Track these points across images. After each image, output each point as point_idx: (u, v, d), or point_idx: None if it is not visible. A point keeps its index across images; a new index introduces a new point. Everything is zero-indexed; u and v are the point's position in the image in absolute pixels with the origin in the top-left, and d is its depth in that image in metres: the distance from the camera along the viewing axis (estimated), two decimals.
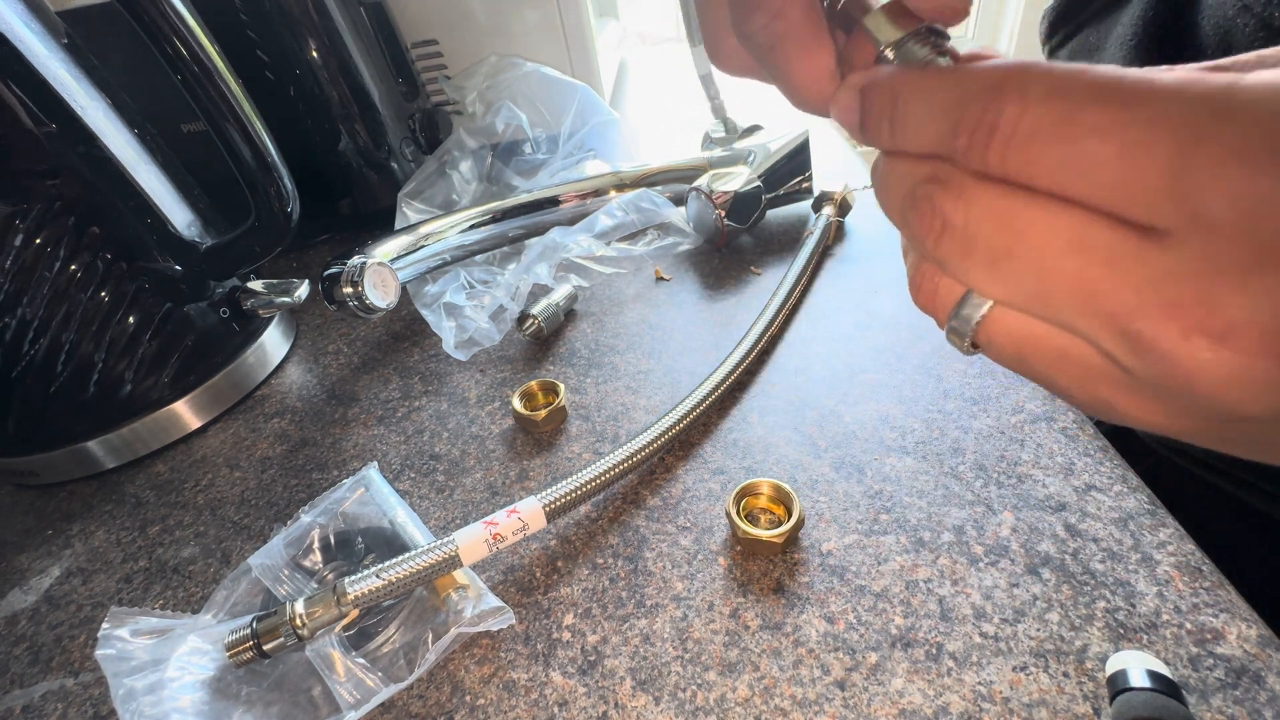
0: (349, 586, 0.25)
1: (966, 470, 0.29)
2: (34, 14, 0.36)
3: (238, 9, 0.50)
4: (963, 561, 0.26)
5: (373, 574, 0.25)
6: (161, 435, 0.41)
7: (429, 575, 0.26)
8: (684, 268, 0.48)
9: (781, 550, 0.27)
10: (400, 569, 0.25)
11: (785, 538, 0.26)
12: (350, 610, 0.25)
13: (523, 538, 0.27)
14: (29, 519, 0.38)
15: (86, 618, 0.31)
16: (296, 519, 0.31)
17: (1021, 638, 0.23)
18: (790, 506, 0.28)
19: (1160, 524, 0.26)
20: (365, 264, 0.40)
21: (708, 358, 0.39)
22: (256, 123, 0.38)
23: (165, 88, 0.36)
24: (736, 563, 0.27)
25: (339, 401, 0.42)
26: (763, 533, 0.26)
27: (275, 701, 0.25)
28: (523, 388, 0.38)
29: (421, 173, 0.56)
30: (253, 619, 0.25)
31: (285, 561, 0.29)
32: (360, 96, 0.56)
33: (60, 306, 0.37)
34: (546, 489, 0.28)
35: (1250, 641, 0.22)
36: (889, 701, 0.22)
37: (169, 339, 0.41)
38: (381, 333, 0.48)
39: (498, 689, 0.25)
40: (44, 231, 0.36)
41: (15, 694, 0.28)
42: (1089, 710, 0.21)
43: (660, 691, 0.24)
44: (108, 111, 0.39)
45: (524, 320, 0.42)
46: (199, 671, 0.26)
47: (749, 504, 0.29)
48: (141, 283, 0.39)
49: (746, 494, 0.29)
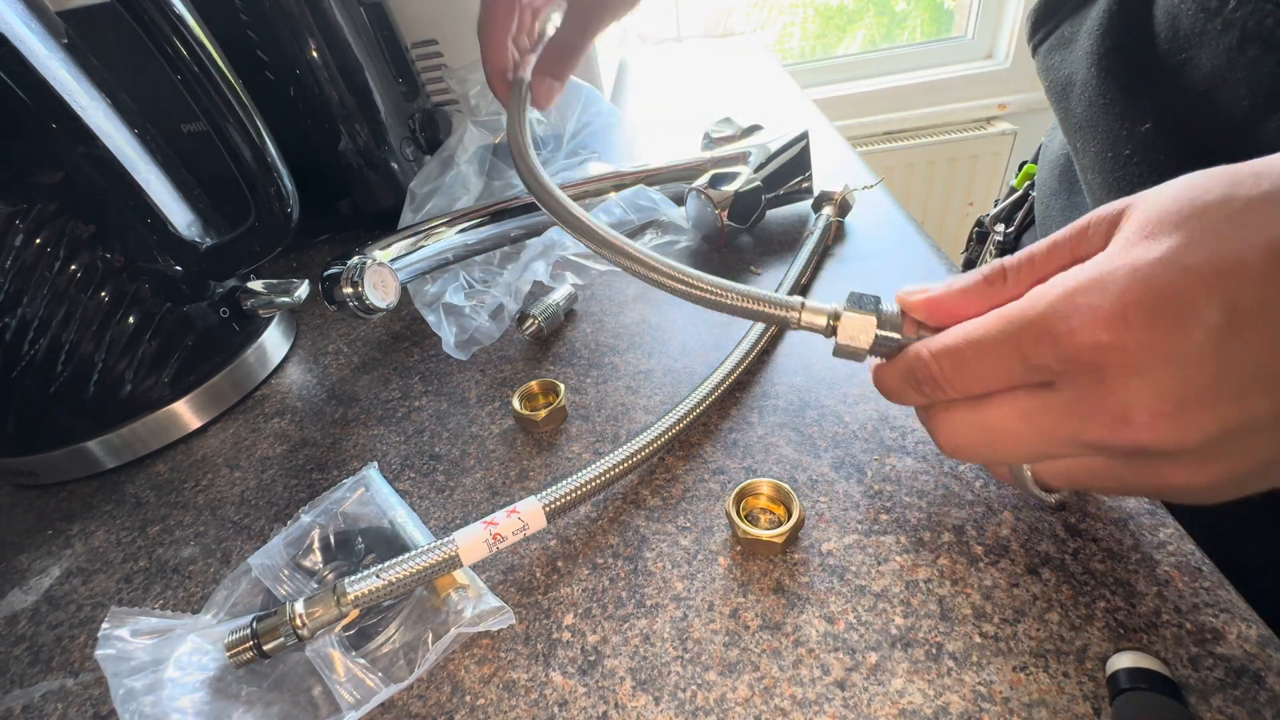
0: (349, 587, 0.25)
1: (966, 470, 0.29)
2: (34, 14, 0.36)
3: (238, 9, 0.50)
4: (963, 561, 0.26)
5: (373, 574, 0.25)
6: (161, 435, 0.41)
7: (429, 575, 0.26)
8: None
9: (781, 550, 0.27)
10: (400, 569, 0.25)
11: (785, 537, 0.26)
12: (350, 610, 0.25)
13: (523, 538, 0.27)
14: (29, 519, 0.38)
15: (86, 618, 0.31)
16: (296, 519, 0.31)
17: (1021, 638, 0.23)
18: (790, 506, 0.28)
19: (1160, 524, 0.26)
20: (365, 264, 0.40)
21: (708, 358, 0.39)
22: (256, 123, 0.38)
23: (165, 88, 0.36)
24: (736, 563, 0.27)
25: (339, 401, 0.42)
26: (763, 533, 0.26)
27: (275, 701, 0.25)
28: (522, 388, 0.38)
29: (427, 169, 0.56)
30: (253, 619, 0.25)
31: (285, 561, 0.29)
32: (360, 96, 0.56)
33: (60, 306, 0.37)
34: (546, 489, 0.28)
35: (1250, 641, 0.22)
36: (889, 701, 0.22)
37: (169, 339, 0.41)
38: (381, 333, 0.49)
39: (498, 689, 0.25)
40: (44, 231, 0.36)
41: (15, 694, 0.28)
42: (1089, 710, 0.21)
43: (660, 691, 0.24)
44: (108, 111, 0.39)
45: (524, 320, 0.42)
46: (199, 671, 0.26)
47: (749, 504, 0.29)
48: (141, 283, 0.39)
49: (746, 494, 0.29)
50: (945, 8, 1.54)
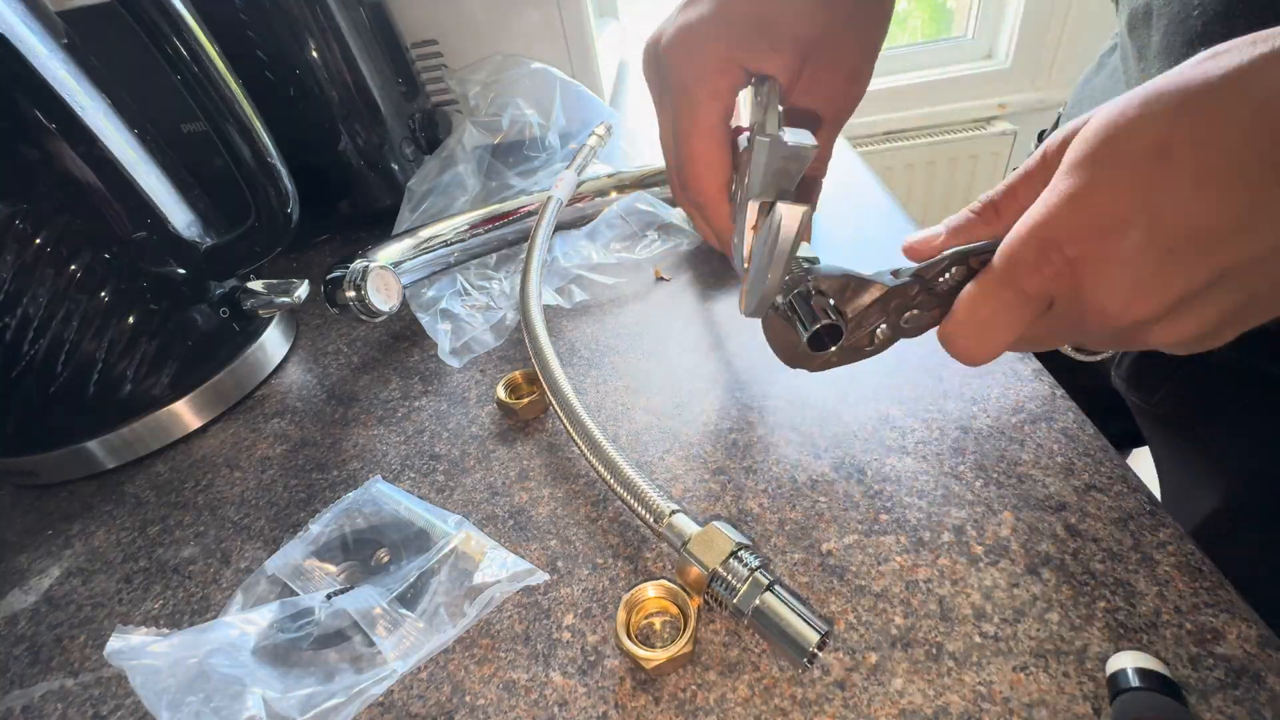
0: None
1: (966, 470, 0.29)
2: (34, 14, 0.36)
3: (238, 9, 0.50)
4: (963, 561, 0.26)
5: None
6: (161, 435, 0.41)
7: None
8: (684, 268, 0.48)
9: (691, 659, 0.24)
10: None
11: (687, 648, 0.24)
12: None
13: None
14: (29, 519, 0.38)
15: (86, 618, 0.31)
16: (306, 529, 0.32)
17: (1021, 638, 0.23)
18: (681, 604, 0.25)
19: (1160, 524, 0.26)
20: (368, 268, 0.40)
21: (708, 358, 0.39)
22: (256, 123, 0.38)
23: (165, 88, 0.36)
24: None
25: (339, 401, 0.42)
26: (657, 653, 0.23)
27: (320, 661, 0.26)
28: (507, 377, 0.38)
29: (426, 168, 0.56)
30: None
31: (303, 559, 0.30)
32: (360, 96, 0.56)
33: (60, 306, 0.37)
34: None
35: (1250, 641, 0.22)
36: (889, 701, 0.22)
37: (169, 339, 0.41)
38: (381, 333, 0.48)
39: (498, 689, 0.25)
40: (44, 231, 0.36)
41: (15, 694, 0.28)
42: (1089, 710, 0.21)
43: (660, 691, 0.24)
44: (108, 111, 0.39)
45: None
46: (242, 643, 0.27)
47: (636, 621, 0.26)
48: (141, 283, 0.39)
49: (633, 610, 0.26)
50: (946, 7, 1.54)
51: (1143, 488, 0.28)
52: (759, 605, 0.22)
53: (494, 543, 0.29)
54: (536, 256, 0.40)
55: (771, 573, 0.23)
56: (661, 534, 0.26)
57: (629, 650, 0.23)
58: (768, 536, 0.28)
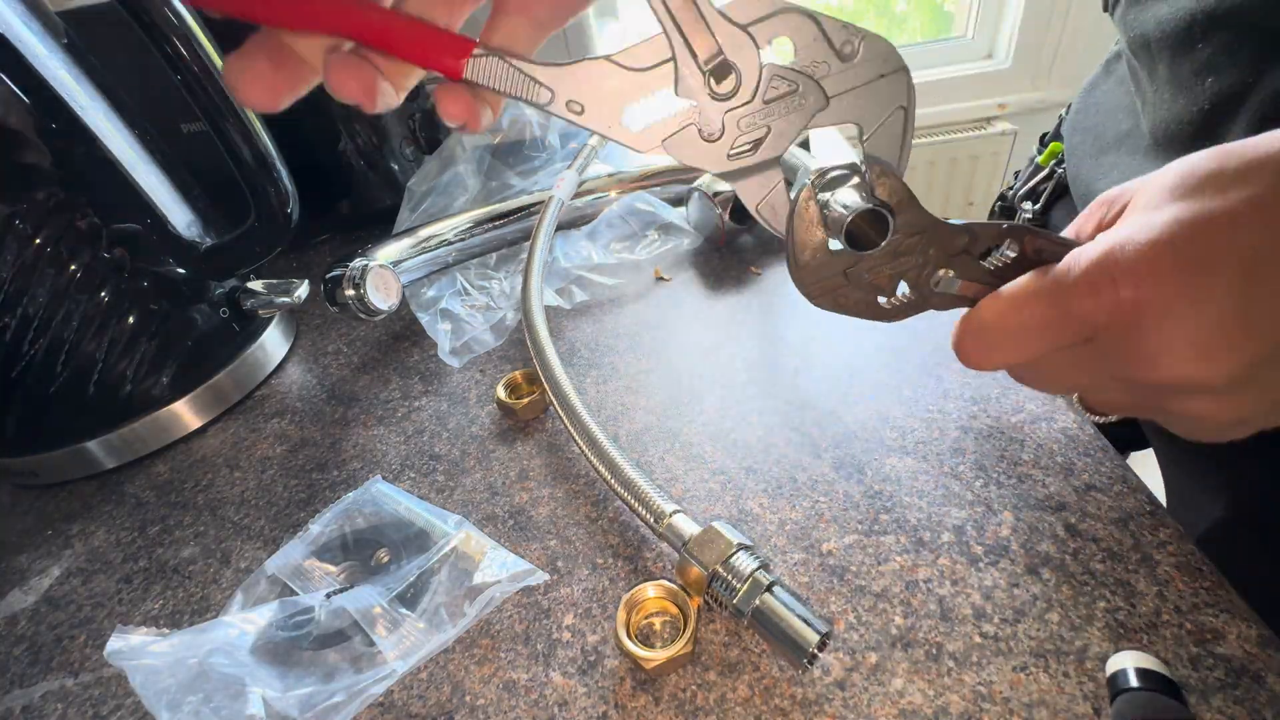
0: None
1: (966, 470, 0.29)
2: (34, 14, 0.36)
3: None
4: (963, 561, 0.26)
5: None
6: (161, 435, 0.41)
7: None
8: (684, 268, 0.48)
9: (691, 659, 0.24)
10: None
11: (688, 646, 0.24)
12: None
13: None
14: (29, 519, 0.38)
15: (86, 618, 0.31)
16: (306, 529, 0.32)
17: (1021, 638, 0.23)
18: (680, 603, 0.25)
19: (1160, 524, 0.26)
20: (368, 267, 0.40)
21: (708, 358, 0.39)
22: (256, 123, 0.38)
23: (165, 88, 0.36)
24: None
25: (339, 401, 0.42)
26: (658, 653, 0.23)
27: (322, 661, 0.26)
28: (508, 377, 0.38)
29: (426, 168, 0.56)
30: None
31: (303, 558, 0.30)
32: None
33: (60, 306, 0.37)
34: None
35: (1250, 641, 0.22)
36: (889, 701, 0.22)
37: (169, 339, 0.41)
38: (381, 333, 0.48)
39: (498, 689, 0.25)
40: (44, 231, 0.36)
41: (15, 694, 0.28)
42: (1089, 710, 0.21)
43: (660, 691, 0.24)
44: (108, 111, 0.39)
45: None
46: (241, 642, 0.27)
47: (636, 622, 0.26)
48: (141, 283, 0.39)
49: (633, 610, 0.26)
50: (945, 10, 1.54)
51: (1143, 488, 0.28)
52: (759, 605, 0.22)
53: (494, 543, 0.29)
54: (538, 256, 0.40)
55: (771, 573, 0.23)
56: (662, 534, 0.26)
57: (629, 650, 0.23)
58: (768, 536, 0.28)
